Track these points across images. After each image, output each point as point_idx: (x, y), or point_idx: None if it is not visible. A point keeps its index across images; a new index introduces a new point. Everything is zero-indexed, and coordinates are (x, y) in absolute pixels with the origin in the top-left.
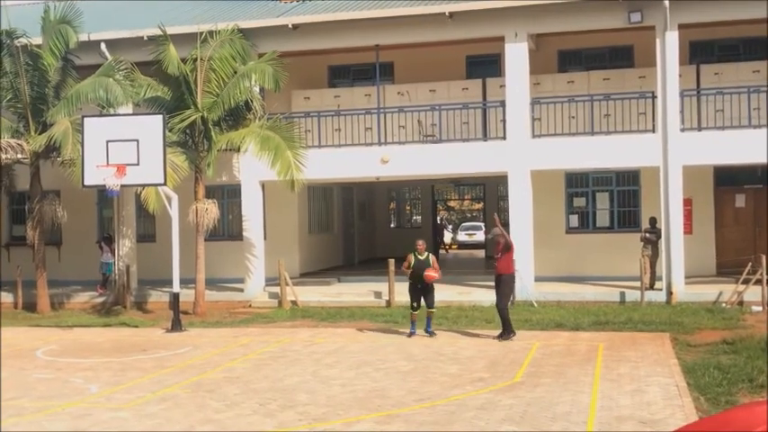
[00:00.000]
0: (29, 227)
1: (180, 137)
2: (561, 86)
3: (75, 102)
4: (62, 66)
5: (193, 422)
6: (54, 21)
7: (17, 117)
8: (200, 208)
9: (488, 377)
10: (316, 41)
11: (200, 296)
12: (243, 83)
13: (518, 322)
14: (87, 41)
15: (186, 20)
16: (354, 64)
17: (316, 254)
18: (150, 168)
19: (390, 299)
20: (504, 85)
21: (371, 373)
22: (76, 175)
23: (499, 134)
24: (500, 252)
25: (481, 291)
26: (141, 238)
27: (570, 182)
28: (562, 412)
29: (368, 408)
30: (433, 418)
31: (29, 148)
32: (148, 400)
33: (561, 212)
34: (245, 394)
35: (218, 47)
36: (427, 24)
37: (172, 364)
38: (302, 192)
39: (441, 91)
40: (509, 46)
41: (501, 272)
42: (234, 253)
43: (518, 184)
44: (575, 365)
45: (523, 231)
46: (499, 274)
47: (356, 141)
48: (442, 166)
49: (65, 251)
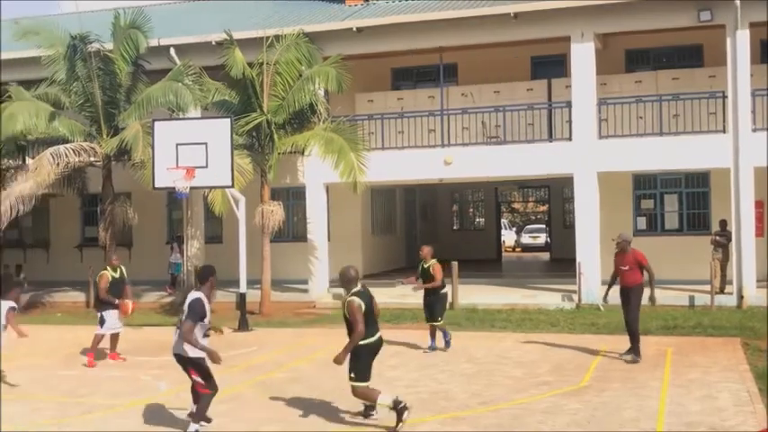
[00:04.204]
0: (101, 228)
1: (246, 140)
2: (629, 86)
3: (146, 106)
4: (133, 70)
5: (259, 421)
6: (124, 26)
7: (90, 121)
8: (265, 210)
9: (554, 381)
10: (380, 44)
11: (266, 296)
12: (307, 86)
13: (584, 326)
14: (157, 46)
15: (253, 24)
16: (418, 66)
17: (379, 255)
18: (218, 171)
19: (453, 301)
20: (570, 86)
21: (435, 374)
22: (147, 178)
23: (565, 135)
24: (628, 264)
25: (546, 294)
26: (209, 239)
27: (638, 183)
28: (630, 418)
29: (432, 409)
30: (497, 421)
31: (101, 151)
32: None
33: (629, 215)
34: (311, 394)
35: (283, 51)
36: (491, 25)
37: (238, 363)
38: (365, 194)
39: (505, 92)
40: (575, 46)
41: (631, 284)
42: (298, 254)
43: (584, 186)
44: (642, 370)
45: (589, 234)
46: (629, 286)
47: (419, 143)
48: (506, 167)
49: (135, 252)
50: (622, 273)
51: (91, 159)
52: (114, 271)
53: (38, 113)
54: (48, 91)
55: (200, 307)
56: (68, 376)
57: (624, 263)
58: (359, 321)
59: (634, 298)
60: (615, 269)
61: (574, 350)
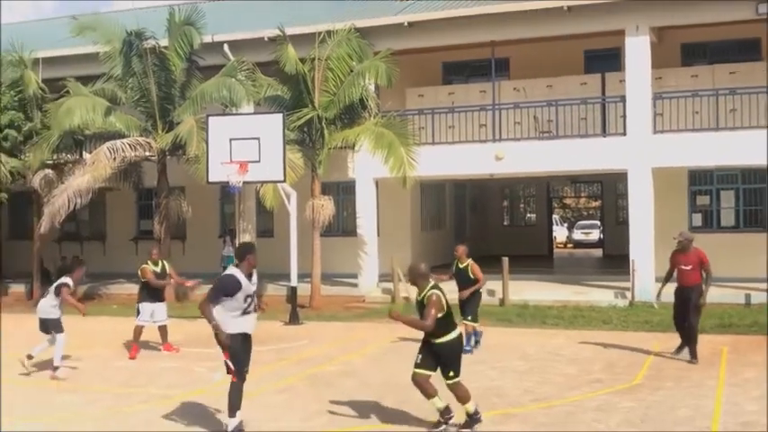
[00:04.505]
0: (156, 221)
1: (297, 135)
2: (684, 81)
3: (200, 101)
4: (187, 66)
5: (310, 413)
6: (179, 23)
7: (145, 116)
8: (316, 204)
9: (606, 378)
10: (431, 38)
11: (316, 290)
12: (358, 81)
13: (637, 324)
14: (211, 43)
15: (305, 20)
16: (469, 60)
17: (428, 250)
18: (270, 165)
19: (504, 297)
20: (625, 80)
21: (486, 371)
22: (201, 172)
23: (619, 130)
24: (691, 263)
25: (598, 291)
26: (260, 233)
27: (693, 179)
28: (684, 416)
29: (483, 406)
30: (549, 419)
31: (156, 146)
32: (268, 390)
33: (684, 211)
34: (361, 388)
35: (335, 46)
36: (544, 19)
37: (290, 356)
38: (415, 189)
39: (558, 86)
40: (630, 39)
41: (693, 283)
42: (348, 249)
43: (638, 182)
44: (697, 369)
45: (644, 230)
46: (691, 285)
47: (470, 138)
48: (558, 162)
49: (189, 245)
50: (683, 272)
51: (146, 154)
52: (156, 265)
53: (95, 108)
54: (104, 86)
55: (227, 282)
56: (124, 367)
57: (687, 262)
58: (432, 316)
59: (696, 298)
60: (672, 267)
61: (627, 348)
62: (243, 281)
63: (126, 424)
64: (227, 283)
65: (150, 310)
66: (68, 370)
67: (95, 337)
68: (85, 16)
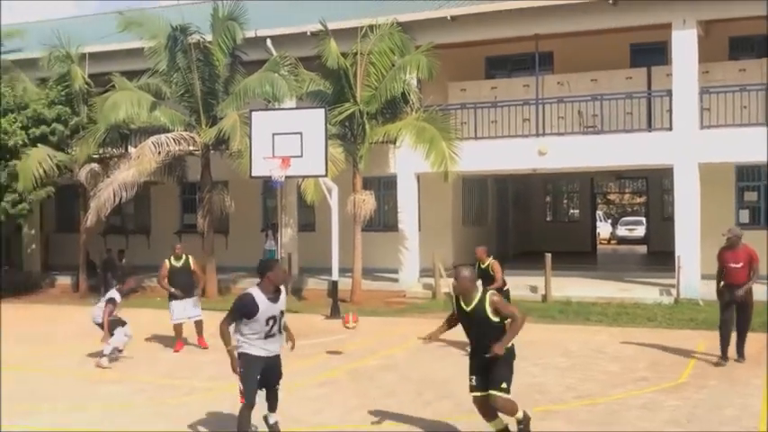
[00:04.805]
0: (199, 215)
1: (339, 129)
2: (732, 75)
3: (243, 96)
4: (230, 61)
5: (351, 407)
6: (222, 18)
7: (189, 111)
8: (357, 199)
9: (651, 377)
10: (474, 32)
11: (357, 285)
12: (399, 75)
13: (682, 321)
14: (254, 38)
15: (347, 14)
16: (512, 54)
17: (469, 246)
18: (313, 160)
19: (546, 293)
20: (671, 74)
21: (528, 367)
22: (244, 167)
23: (665, 125)
24: (742, 260)
25: (643, 288)
26: (302, 227)
27: (741, 175)
28: (731, 416)
29: (526, 403)
30: (593, 416)
31: (200, 141)
32: (309, 384)
33: (731, 207)
34: (402, 382)
35: (377, 41)
36: (589, 12)
37: (331, 349)
38: (456, 184)
39: (602, 80)
40: (676, 33)
41: (741, 281)
42: (389, 244)
43: (685, 177)
44: (743, 368)
45: (690, 227)
46: (740, 284)
47: (513, 133)
48: (602, 157)
49: (231, 239)
50: (732, 270)
51: (190, 148)
52: (177, 260)
53: (140, 103)
54: (149, 81)
55: (244, 303)
56: (168, 359)
57: (736, 259)
58: (516, 309)
59: (749, 297)
60: (721, 265)
61: (672, 345)
62: (261, 302)
63: (170, 416)
64: (244, 303)
65: (181, 307)
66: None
67: (140, 330)
68: (131, 11)
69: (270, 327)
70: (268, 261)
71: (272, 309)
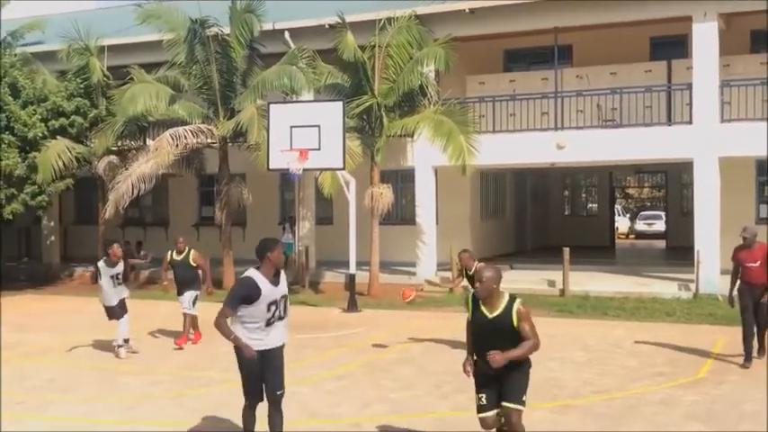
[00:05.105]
0: (217, 208)
1: (356, 122)
2: (754, 68)
3: (261, 89)
4: (248, 54)
5: (369, 400)
6: (240, 11)
7: (207, 103)
8: (375, 192)
9: (669, 372)
10: (492, 25)
11: (375, 278)
12: (417, 68)
13: (701, 316)
14: (272, 30)
15: (365, 7)
16: (531, 47)
17: (487, 240)
18: (330, 153)
19: (564, 287)
20: (692, 68)
21: (546, 362)
22: (262, 159)
23: (685, 119)
24: (759, 259)
25: (661, 282)
26: (319, 220)
27: (762, 169)
28: (750, 411)
29: (543, 397)
30: (610, 411)
31: (218, 133)
32: (327, 377)
33: (751, 202)
34: (419, 376)
35: (395, 33)
36: (609, 5)
37: (348, 343)
38: (474, 177)
39: (622, 74)
40: (697, 26)
41: (760, 280)
42: (406, 237)
43: (704, 172)
44: (762, 364)
45: (710, 221)
46: (760, 283)
47: (531, 126)
48: (622, 151)
49: (249, 231)
50: (750, 269)
51: (208, 141)
52: (178, 254)
53: (158, 95)
54: (168, 74)
55: (244, 287)
56: (185, 350)
57: (753, 258)
58: (537, 334)
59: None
60: (736, 266)
61: (691, 341)
62: (263, 285)
63: (188, 407)
64: (244, 287)
65: (187, 298)
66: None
67: (157, 321)
68: (150, 4)
69: (271, 313)
70: (268, 241)
71: (274, 292)
